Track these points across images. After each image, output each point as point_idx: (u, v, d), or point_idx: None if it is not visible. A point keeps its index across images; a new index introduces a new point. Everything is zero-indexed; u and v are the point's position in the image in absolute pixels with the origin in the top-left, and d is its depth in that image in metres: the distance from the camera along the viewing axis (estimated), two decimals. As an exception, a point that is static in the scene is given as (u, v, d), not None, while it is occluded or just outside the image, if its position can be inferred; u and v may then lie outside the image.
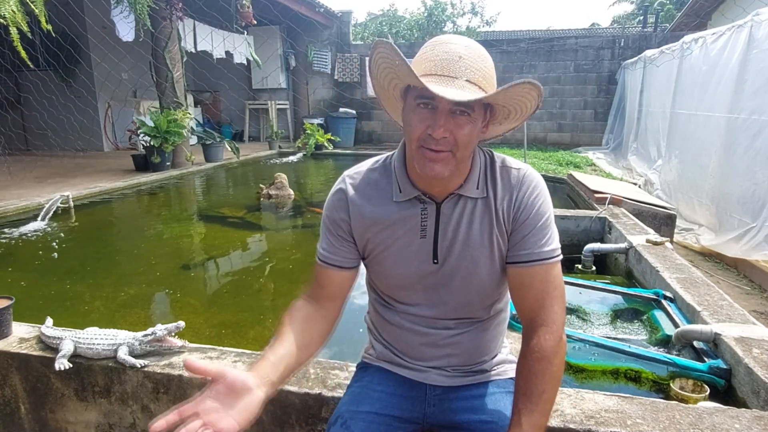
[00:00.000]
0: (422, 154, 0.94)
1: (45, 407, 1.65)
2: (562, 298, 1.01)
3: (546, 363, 0.95)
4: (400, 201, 1.04)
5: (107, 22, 6.59)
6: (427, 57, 0.92)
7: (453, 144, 0.92)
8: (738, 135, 3.91)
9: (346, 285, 1.11)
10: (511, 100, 0.93)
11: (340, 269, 1.09)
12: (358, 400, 1.10)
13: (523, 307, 1.03)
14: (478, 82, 0.90)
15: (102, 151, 9.01)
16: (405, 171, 1.04)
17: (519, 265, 1.01)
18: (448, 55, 0.91)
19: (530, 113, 0.97)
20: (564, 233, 3.46)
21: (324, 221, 1.11)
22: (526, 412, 0.92)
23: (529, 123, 9.83)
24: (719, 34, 4.46)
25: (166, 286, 3.02)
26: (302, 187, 6.31)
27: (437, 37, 0.97)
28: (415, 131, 0.93)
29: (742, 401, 1.54)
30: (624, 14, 23.17)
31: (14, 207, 4.38)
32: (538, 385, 0.94)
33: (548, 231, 1.01)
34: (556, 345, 0.96)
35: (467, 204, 1.03)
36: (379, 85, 1.03)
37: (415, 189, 1.03)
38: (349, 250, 1.08)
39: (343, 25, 11.19)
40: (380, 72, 0.99)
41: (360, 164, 1.12)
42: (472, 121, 0.92)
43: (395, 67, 0.93)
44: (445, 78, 0.89)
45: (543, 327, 0.98)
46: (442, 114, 0.90)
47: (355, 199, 1.06)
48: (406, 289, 1.08)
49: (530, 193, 1.01)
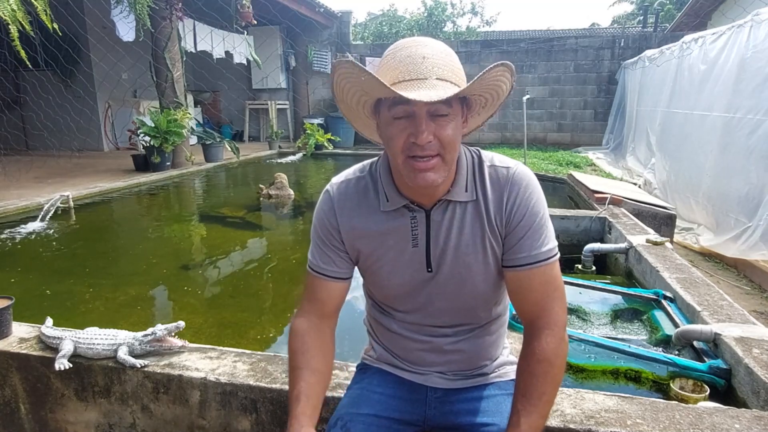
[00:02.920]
0: (411, 165, 0.90)
1: (45, 407, 1.65)
2: (562, 299, 1.00)
3: (547, 365, 0.94)
4: (388, 210, 1.02)
5: (107, 22, 6.59)
6: (391, 66, 0.90)
7: (439, 147, 0.89)
8: (734, 134, 3.92)
9: (343, 296, 1.10)
10: (486, 87, 0.92)
11: (335, 280, 1.07)
12: (357, 402, 1.09)
13: (523, 310, 1.01)
14: (448, 78, 0.88)
15: (102, 151, 9.01)
16: (391, 179, 1.02)
17: (517, 269, 0.99)
18: (411, 58, 0.88)
19: (506, 96, 0.95)
20: (564, 233, 3.46)
21: (315, 231, 1.08)
22: (525, 414, 0.91)
23: (529, 123, 9.83)
24: (719, 34, 4.46)
25: (166, 286, 3.02)
26: (302, 187, 6.31)
27: (394, 44, 0.94)
28: (397, 143, 0.90)
29: (742, 401, 1.54)
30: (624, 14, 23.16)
31: (14, 207, 4.38)
32: (538, 387, 0.93)
33: (544, 231, 0.99)
34: (557, 347, 0.95)
35: (457, 209, 1.00)
36: (347, 106, 1.00)
37: (403, 198, 1.00)
38: (342, 260, 1.07)
39: (343, 25, 11.19)
40: (345, 93, 0.95)
41: (345, 172, 1.09)
42: (453, 118, 0.90)
43: (362, 84, 0.89)
44: (414, 82, 0.86)
45: (545, 329, 0.96)
46: (422, 119, 0.87)
47: (343, 209, 1.04)
48: (402, 298, 1.07)
49: (521, 194, 0.98)
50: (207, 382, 1.45)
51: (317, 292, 1.07)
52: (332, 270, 1.06)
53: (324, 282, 1.07)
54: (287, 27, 10.45)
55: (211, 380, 1.44)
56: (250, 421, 1.44)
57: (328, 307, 1.08)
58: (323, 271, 1.06)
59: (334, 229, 1.05)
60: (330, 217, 1.05)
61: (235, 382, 1.42)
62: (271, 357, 1.55)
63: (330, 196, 1.06)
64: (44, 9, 4.70)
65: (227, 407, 1.45)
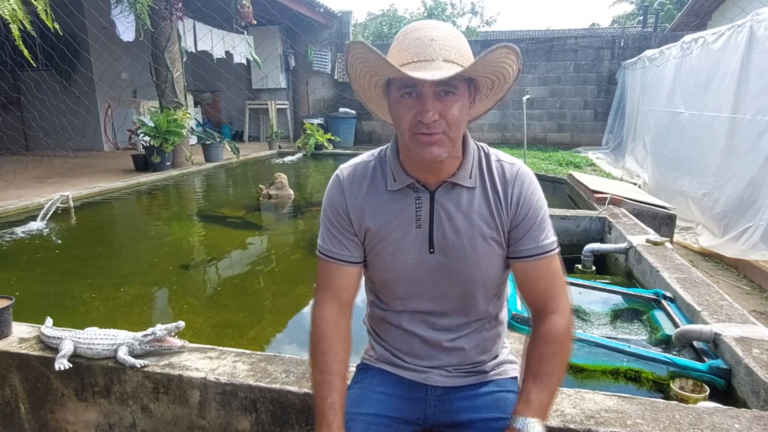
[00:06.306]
0: (416, 140, 0.94)
1: (45, 407, 1.65)
2: (566, 287, 1.06)
3: (558, 346, 0.99)
4: (394, 190, 1.05)
5: (106, 22, 6.59)
6: (401, 47, 0.93)
7: (445, 125, 0.92)
8: (735, 134, 3.91)
9: (357, 281, 1.12)
10: (491, 69, 0.94)
11: (348, 264, 1.08)
12: (357, 401, 1.09)
13: (532, 298, 1.06)
14: (455, 60, 0.91)
15: (102, 151, 9.01)
16: (398, 160, 1.05)
17: (525, 260, 1.03)
18: (419, 41, 0.91)
19: (513, 79, 0.98)
20: (564, 233, 3.46)
21: (324, 214, 1.11)
22: (535, 390, 0.95)
23: (529, 123, 9.83)
24: (719, 34, 4.46)
25: (166, 286, 3.01)
26: (302, 187, 6.31)
27: (405, 26, 0.97)
28: (405, 121, 0.94)
29: (742, 401, 1.54)
30: (624, 14, 23.17)
31: (14, 207, 4.38)
32: (548, 366, 0.97)
33: (546, 225, 1.05)
34: (566, 330, 1.01)
35: (462, 193, 1.03)
36: (361, 87, 1.04)
37: (409, 177, 1.04)
38: (352, 243, 1.08)
39: (343, 25, 11.19)
40: (359, 73, 0.99)
41: (354, 158, 1.13)
42: (459, 98, 0.93)
43: (371, 63, 0.93)
44: (422, 63, 0.89)
45: (553, 314, 1.02)
46: (428, 98, 0.90)
47: (351, 191, 1.07)
48: (404, 282, 1.08)
49: (527, 189, 1.03)
50: (207, 382, 1.45)
51: (332, 278, 1.09)
52: (344, 254, 1.08)
53: (337, 267, 1.08)
54: (287, 27, 10.45)
55: (211, 380, 1.44)
56: (250, 421, 1.44)
57: (345, 296, 1.10)
58: (334, 255, 1.08)
59: (343, 211, 1.07)
60: (339, 200, 1.08)
61: (235, 382, 1.42)
62: (271, 357, 1.55)
63: (339, 179, 1.10)
64: (44, 9, 4.70)
65: (227, 407, 1.45)
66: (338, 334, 1.07)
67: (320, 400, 1.01)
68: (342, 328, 1.08)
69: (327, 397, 1.01)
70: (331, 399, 1.00)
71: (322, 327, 1.07)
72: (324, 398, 1.01)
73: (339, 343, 1.06)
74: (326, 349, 1.05)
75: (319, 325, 1.07)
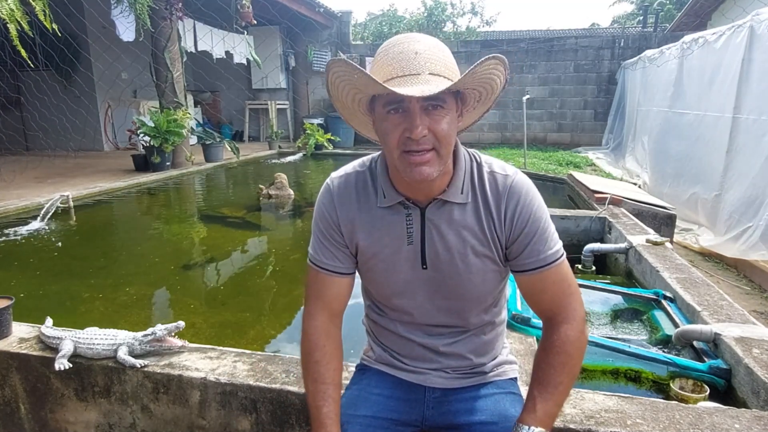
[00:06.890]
0: (406, 160, 0.91)
1: (45, 407, 1.65)
2: (577, 293, 1.01)
3: (566, 357, 0.96)
4: (385, 207, 1.03)
5: (106, 22, 6.58)
6: (384, 62, 0.90)
7: (434, 141, 0.90)
8: (736, 134, 3.91)
9: (348, 292, 1.10)
10: (479, 80, 0.92)
11: (338, 275, 1.07)
12: (355, 403, 1.09)
13: (541, 309, 1.03)
14: (441, 73, 0.88)
15: (102, 151, 9.01)
16: (387, 176, 1.03)
17: (529, 273, 1.00)
18: (403, 54, 0.88)
19: (501, 90, 0.96)
20: (564, 233, 3.46)
21: (315, 224, 1.09)
22: (541, 400, 0.93)
23: (529, 123, 9.83)
24: (719, 33, 4.46)
25: (166, 286, 3.02)
26: (302, 187, 6.31)
27: (387, 41, 0.94)
28: (392, 138, 0.90)
29: (742, 401, 1.54)
30: (624, 14, 23.16)
31: (14, 207, 4.38)
32: (556, 377, 0.95)
33: (548, 234, 1.00)
34: (577, 340, 0.97)
35: (453, 209, 1.01)
36: (342, 105, 1.01)
37: (399, 194, 1.01)
38: (343, 254, 1.07)
39: (343, 25, 11.19)
40: (340, 91, 0.96)
41: (345, 166, 1.10)
42: (448, 112, 0.90)
43: (355, 81, 0.90)
44: (407, 77, 0.87)
45: (563, 324, 0.98)
46: (416, 113, 0.88)
47: (342, 203, 1.05)
48: (399, 296, 1.07)
49: (522, 202, 0.99)
50: (207, 382, 1.45)
51: (323, 288, 1.08)
52: (335, 265, 1.07)
53: (329, 277, 1.07)
54: (287, 27, 10.45)
55: (211, 380, 1.44)
56: (250, 421, 1.44)
57: (336, 305, 1.09)
58: (325, 265, 1.07)
59: (334, 223, 1.06)
60: (330, 211, 1.06)
61: (235, 382, 1.42)
62: (271, 357, 1.54)
63: (330, 189, 1.07)
64: (43, 9, 4.70)
65: (227, 407, 1.45)
66: (330, 343, 1.07)
67: (315, 410, 1.01)
68: (333, 337, 1.08)
69: (322, 407, 1.00)
70: (327, 409, 1.00)
71: (314, 337, 1.06)
72: (319, 408, 1.00)
73: (332, 352, 1.06)
74: (319, 358, 1.05)
75: (311, 335, 1.06)
